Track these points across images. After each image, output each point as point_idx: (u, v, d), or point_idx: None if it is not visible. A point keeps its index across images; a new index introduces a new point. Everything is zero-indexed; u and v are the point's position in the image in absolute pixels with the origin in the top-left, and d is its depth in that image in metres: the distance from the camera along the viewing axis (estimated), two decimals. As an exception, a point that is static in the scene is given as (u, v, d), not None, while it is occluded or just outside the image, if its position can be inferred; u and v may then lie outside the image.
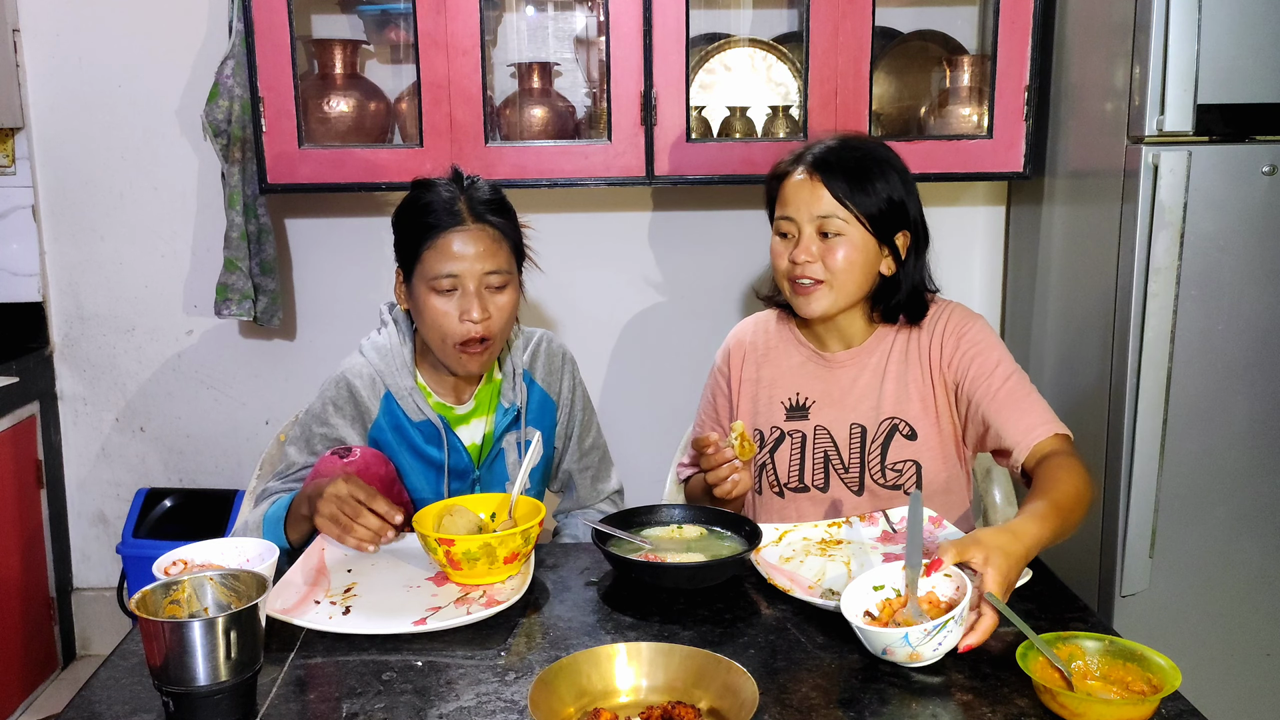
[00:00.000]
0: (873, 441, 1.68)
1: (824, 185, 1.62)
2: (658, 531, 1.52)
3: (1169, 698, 1.10)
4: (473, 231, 1.63)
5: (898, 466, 1.66)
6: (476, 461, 1.77)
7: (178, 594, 1.15)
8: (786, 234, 1.67)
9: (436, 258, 1.62)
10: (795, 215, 1.65)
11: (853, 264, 1.63)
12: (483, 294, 1.63)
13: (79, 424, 2.84)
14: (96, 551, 2.90)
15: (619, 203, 2.77)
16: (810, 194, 1.63)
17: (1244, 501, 2.10)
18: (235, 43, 2.44)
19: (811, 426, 1.71)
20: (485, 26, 2.36)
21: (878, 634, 1.16)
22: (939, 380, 1.67)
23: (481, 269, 1.63)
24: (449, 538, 1.36)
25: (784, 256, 1.67)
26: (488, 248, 1.63)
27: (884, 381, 1.69)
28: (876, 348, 1.71)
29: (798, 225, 1.65)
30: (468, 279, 1.62)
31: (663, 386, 2.82)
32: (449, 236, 1.62)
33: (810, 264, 1.63)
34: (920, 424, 1.67)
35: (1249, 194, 2.02)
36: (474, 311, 1.61)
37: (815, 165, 1.64)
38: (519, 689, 1.15)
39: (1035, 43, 2.37)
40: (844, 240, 1.62)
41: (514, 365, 1.78)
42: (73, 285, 2.78)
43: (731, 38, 2.59)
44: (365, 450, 1.63)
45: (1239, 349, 2.06)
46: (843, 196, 1.61)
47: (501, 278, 1.65)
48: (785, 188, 1.67)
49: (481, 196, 1.67)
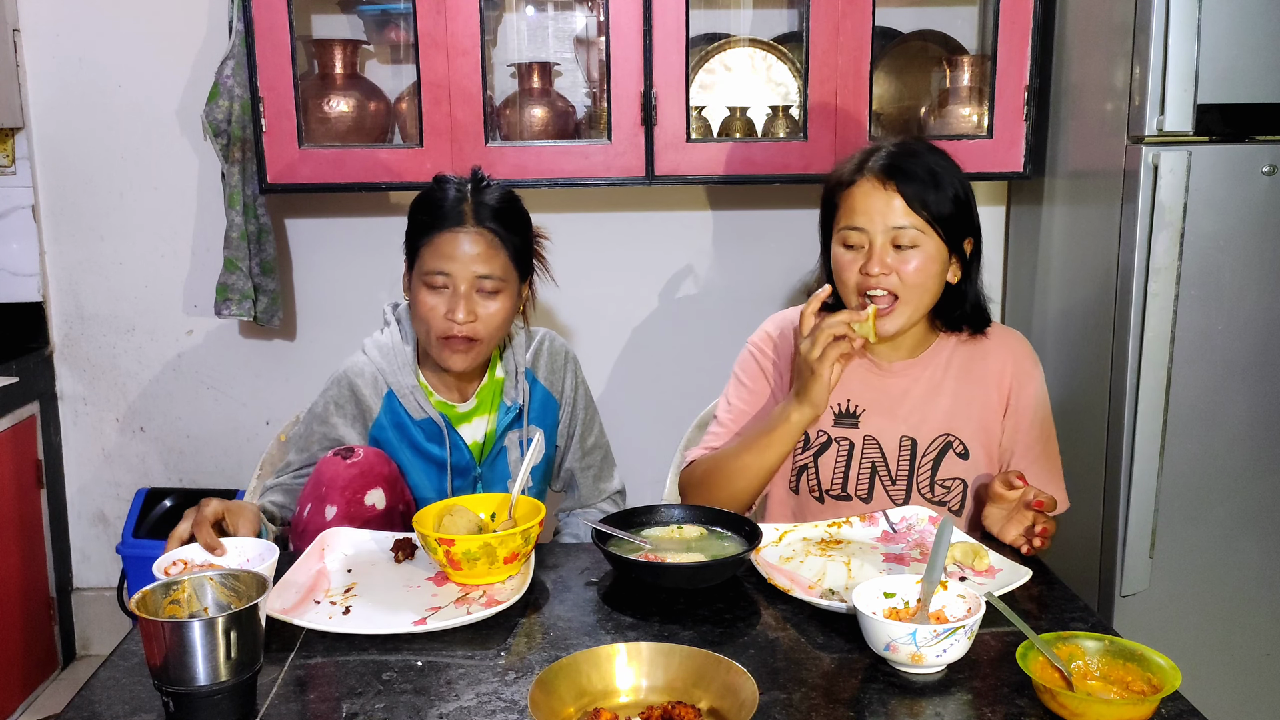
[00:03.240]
0: (924, 456, 1.66)
1: (898, 193, 1.56)
2: (658, 531, 1.52)
3: (1169, 698, 1.10)
4: (471, 234, 1.64)
5: (947, 483, 1.66)
6: (478, 459, 1.77)
7: (178, 594, 1.15)
8: (854, 245, 1.60)
9: (433, 254, 1.64)
10: (867, 226, 1.58)
11: (927, 275, 1.58)
12: (472, 296, 1.64)
13: (79, 424, 2.84)
14: (96, 551, 2.90)
15: (619, 203, 2.77)
16: (884, 203, 1.57)
17: (1244, 501, 2.10)
18: (235, 43, 2.44)
19: (861, 435, 1.68)
20: (485, 26, 2.36)
21: (886, 626, 1.16)
22: (999, 407, 1.68)
23: (474, 272, 1.64)
24: (449, 538, 1.36)
25: (853, 269, 1.60)
26: (483, 251, 1.64)
27: (939, 396, 1.67)
28: (932, 361, 1.69)
29: (869, 236, 1.58)
30: (459, 279, 1.63)
31: (662, 387, 2.82)
32: (447, 236, 1.64)
33: (885, 276, 1.57)
34: (974, 444, 1.66)
35: (1249, 194, 2.02)
36: (459, 312, 1.63)
37: (887, 172, 1.57)
38: (519, 689, 1.15)
39: (1035, 43, 2.37)
40: (918, 251, 1.57)
41: (516, 364, 1.79)
42: (73, 285, 2.78)
43: (731, 38, 2.59)
44: (368, 450, 1.64)
45: (1239, 349, 2.06)
46: (917, 204, 1.56)
47: (494, 283, 1.65)
48: (853, 196, 1.59)
49: (489, 201, 1.67)
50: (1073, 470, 1.92)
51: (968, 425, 1.67)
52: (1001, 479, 1.53)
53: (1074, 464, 2.13)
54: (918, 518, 1.57)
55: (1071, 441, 2.23)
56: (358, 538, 1.53)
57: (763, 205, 2.76)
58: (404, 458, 1.73)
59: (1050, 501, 1.49)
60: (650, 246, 2.79)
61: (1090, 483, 2.19)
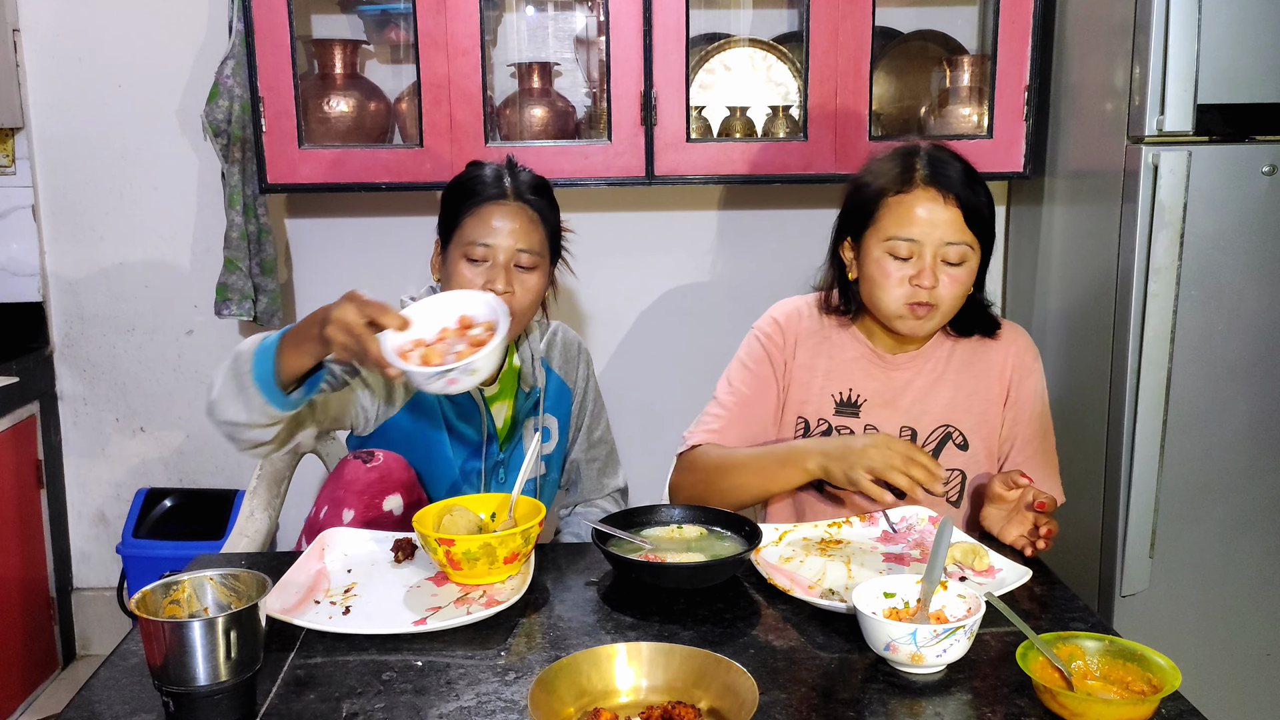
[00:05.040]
0: (924, 446, 1.67)
1: (959, 208, 1.56)
2: (658, 531, 1.52)
3: (1169, 698, 1.10)
4: (513, 207, 1.68)
5: (946, 475, 1.66)
6: (501, 444, 1.79)
7: (178, 594, 1.15)
8: (904, 256, 1.59)
9: (475, 225, 1.67)
10: (923, 238, 1.57)
11: (966, 289, 1.61)
12: (511, 270, 1.67)
13: (79, 424, 2.84)
14: (96, 551, 2.90)
15: (619, 203, 2.77)
16: (945, 219, 1.56)
17: (1244, 501, 2.10)
18: (235, 43, 2.44)
19: (861, 425, 1.70)
20: (485, 26, 2.36)
21: (886, 626, 1.16)
22: (1000, 399, 1.69)
23: (514, 244, 1.66)
24: (449, 538, 1.36)
25: (899, 278, 1.59)
26: (524, 225, 1.68)
27: (941, 388, 1.69)
28: (934, 353, 1.71)
29: (921, 247, 1.58)
30: (499, 251, 1.66)
31: (662, 387, 2.82)
32: (490, 208, 1.67)
33: (934, 290, 1.58)
34: (973, 436, 1.68)
35: (1249, 194, 2.02)
36: (499, 283, 1.65)
37: (947, 184, 1.57)
38: (519, 689, 1.15)
39: (1035, 43, 2.37)
40: (965, 267, 1.59)
41: (532, 350, 1.82)
42: (73, 285, 2.78)
43: (731, 38, 2.59)
44: (387, 455, 1.65)
45: (1239, 349, 2.06)
46: (974, 220, 1.57)
47: (532, 258, 1.68)
48: (907, 206, 1.58)
49: (527, 180, 1.72)
50: (1073, 470, 1.93)
51: (968, 417, 1.68)
52: (1001, 479, 1.53)
53: (1074, 464, 2.13)
54: (918, 518, 1.57)
55: (1071, 441, 2.23)
56: (358, 537, 1.53)
57: (763, 205, 2.76)
58: (434, 435, 1.74)
59: (1051, 502, 1.49)
60: (650, 247, 2.79)
61: (1090, 482, 2.19)
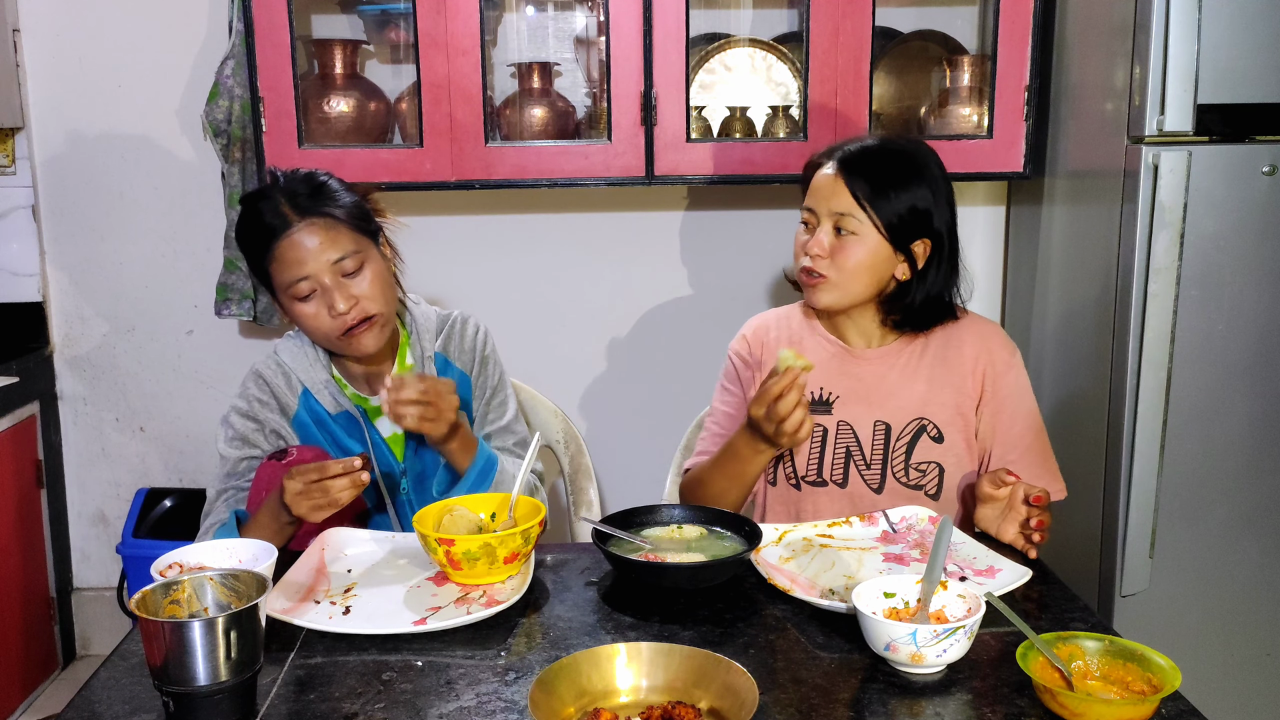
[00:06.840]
0: (898, 440, 1.68)
1: (845, 184, 1.63)
2: (658, 531, 1.52)
3: (1169, 698, 1.10)
4: (302, 229, 1.60)
5: (921, 467, 1.67)
6: (399, 454, 1.74)
7: (178, 594, 1.15)
8: (807, 224, 1.69)
9: (282, 268, 1.61)
10: (816, 208, 1.67)
11: (860, 265, 1.64)
12: (340, 283, 1.61)
13: (79, 424, 2.84)
14: (96, 551, 2.90)
15: (619, 203, 2.77)
16: (832, 190, 1.65)
17: (1244, 501, 2.10)
18: (235, 43, 2.44)
19: (834, 421, 1.71)
20: (485, 26, 2.36)
21: (885, 626, 1.16)
22: (974, 393, 1.69)
23: (327, 259, 1.60)
24: (449, 538, 1.36)
25: (799, 246, 1.69)
26: (324, 237, 1.60)
27: (914, 381, 1.70)
28: (905, 348, 1.72)
29: (817, 218, 1.67)
30: (319, 275, 1.60)
31: (662, 387, 2.82)
32: (283, 245, 1.60)
33: (819, 258, 1.65)
34: (948, 428, 1.68)
35: (1249, 194, 2.02)
36: (339, 304, 1.60)
37: (842, 163, 1.66)
38: (519, 689, 1.15)
39: (1035, 43, 2.37)
40: (857, 240, 1.64)
41: (422, 349, 1.76)
42: (73, 285, 2.78)
43: (731, 38, 2.59)
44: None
45: (1239, 349, 2.06)
46: (862, 198, 1.63)
47: (353, 260, 1.62)
48: (814, 179, 1.69)
49: (300, 191, 1.63)
50: (1072, 470, 1.92)
51: (942, 410, 1.69)
52: (989, 478, 1.53)
53: (1074, 464, 2.13)
54: (918, 518, 1.57)
55: (1072, 441, 2.23)
56: (358, 537, 1.53)
57: (763, 205, 2.76)
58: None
59: (1045, 495, 1.49)
60: (650, 246, 2.79)
61: (1090, 483, 2.19)
